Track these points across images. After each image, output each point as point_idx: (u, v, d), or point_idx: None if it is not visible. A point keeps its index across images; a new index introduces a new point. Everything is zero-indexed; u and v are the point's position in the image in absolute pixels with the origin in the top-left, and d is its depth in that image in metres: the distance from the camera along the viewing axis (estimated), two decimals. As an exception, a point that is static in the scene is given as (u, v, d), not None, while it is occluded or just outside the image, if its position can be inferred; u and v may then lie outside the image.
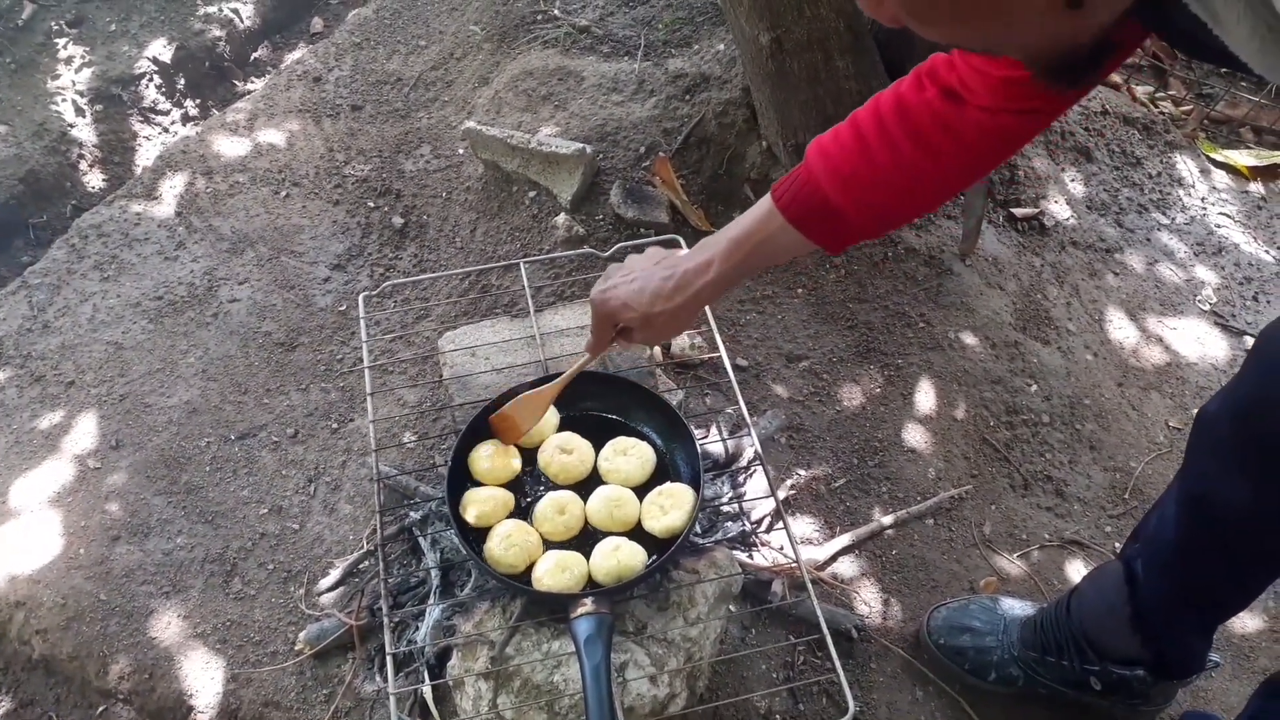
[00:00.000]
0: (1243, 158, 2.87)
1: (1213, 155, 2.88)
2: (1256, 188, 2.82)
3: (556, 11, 2.95)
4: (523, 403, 1.60)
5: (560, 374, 1.59)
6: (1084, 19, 0.76)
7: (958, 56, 1.16)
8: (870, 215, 1.27)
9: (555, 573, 1.44)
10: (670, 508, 1.53)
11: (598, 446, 1.65)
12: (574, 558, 1.47)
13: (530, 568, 1.48)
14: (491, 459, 1.60)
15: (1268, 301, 2.49)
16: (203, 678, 1.73)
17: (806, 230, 1.28)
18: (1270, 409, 1.17)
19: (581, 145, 2.36)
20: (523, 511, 1.58)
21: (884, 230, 1.38)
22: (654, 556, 1.50)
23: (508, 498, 1.57)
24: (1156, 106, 2.99)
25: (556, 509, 1.54)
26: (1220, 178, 2.84)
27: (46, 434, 2.09)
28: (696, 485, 1.56)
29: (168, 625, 1.79)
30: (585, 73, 2.67)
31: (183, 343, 2.27)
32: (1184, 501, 1.37)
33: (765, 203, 1.30)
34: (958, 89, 1.16)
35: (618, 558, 1.45)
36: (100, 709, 1.77)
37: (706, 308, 1.84)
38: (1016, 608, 1.69)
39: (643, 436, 1.68)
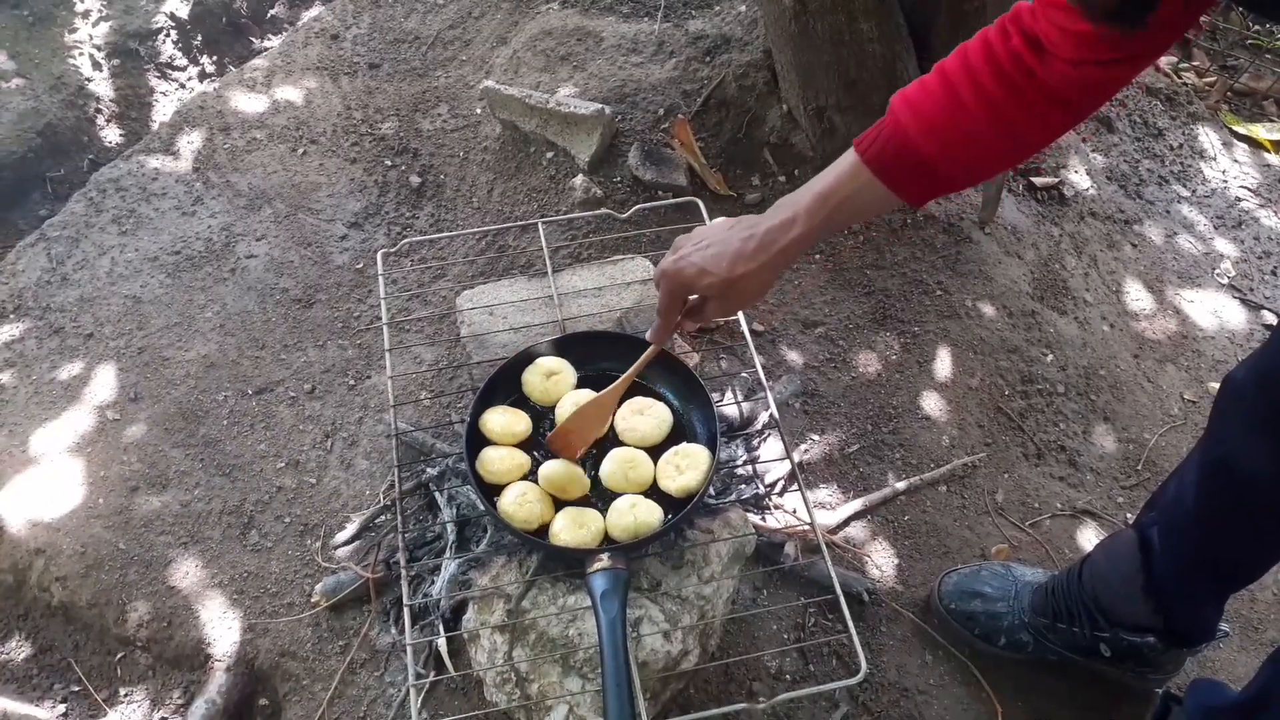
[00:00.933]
0: (1266, 131, 2.85)
1: (1235, 128, 2.86)
2: (1278, 162, 2.79)
3: (576, -29, 2.92)
4: (582, 414, 1.52)
5: (623, 372, 1.51)
6: None
7: (1039, 6, 1.12)
8: (961, 165, 1.23)
9: (572, 529, 1.45)
10: (686, 468, 1.53)
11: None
12: (590, 514, 1.48)
13: (544, 526, 1.49)
14: (504, 418, 1.60)
15: (1287, 276, 2.47)
16: (220, 627, 1.75)
17: (894, 183, 1.23)
18: None
19: (600, 106, 2.35)
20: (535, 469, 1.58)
21: (973, 181, 1.32)
22: (670, 515, 1.51)
23: (524, 459, 1.57)
24: (1180, 78, 2.96)
25: (567, 479, 1.54)
26: (1242, 151, 2.81)
27: (66, 385, 2.11)
28: (713, 447, 1.56)
29: (185, 575, 1.81)
30: (604, 33, 2.65)
31: (200, 297, 2.28)
32: (1206, 468, 1.37)
33: (849, 157, 1.24)
34: (1041, 39, 1.13)
35: (634, 515, 1.45)
36: (119, 655, 1.80)
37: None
38: (1028, 574, 1.70)
39: (659, 398, 1.68)
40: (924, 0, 2.15)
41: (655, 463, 1.57)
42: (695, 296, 1.36)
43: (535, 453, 1.59)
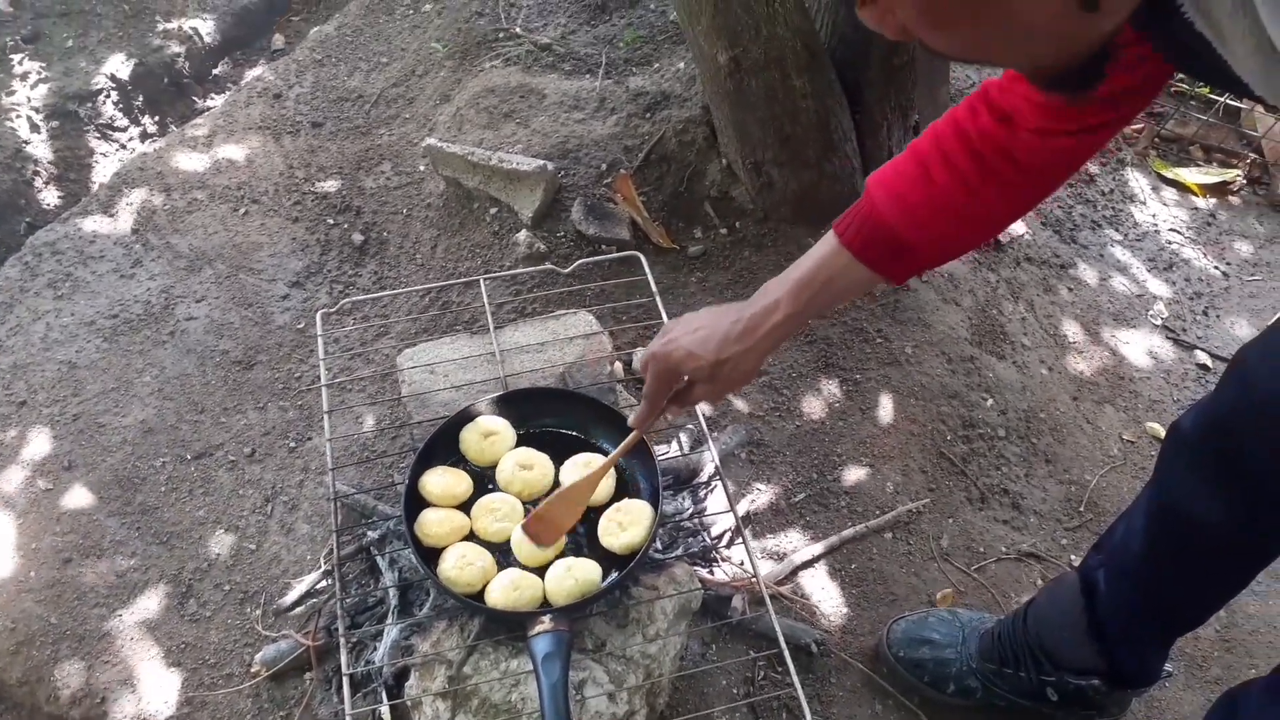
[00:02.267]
0: (1193, 175, 2.94)
1: (1164, 173, 2.94)
2: (1206, 204, 2.88)
3: (518, 29, 2.96)
4: (558, 500, 1.50)
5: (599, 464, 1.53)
6: (1095, 23, 0.76)
7: (1006, 80, 1.16)
8: (937, 244, 1.26)
9: (508, 591, 1.43)
10: (629, 524, 1.53)
11: (557, 463, 1.64)
12: (528, 578, 1.46)
13: (486, 589, 1.47)
14: (444, 479, 1.59)
15: (1217, 316, 2.54)
16: (157, 701, 1.70)
17: (874, 264, 1.25)
18: (1244, 426, 1.20)
19: (543, 162, 2.36)
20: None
21: (948, 258, 1.35)
22: (613, 573, 1.50)
23: (463, 520, 1.56)
24: (1109, 125, 3.04)
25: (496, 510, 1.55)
26: (1171, 195, 2.90)
27: (-3, 455, 2.06)
28: (656, 501, 1.56)
29: (121, 648, 1.76)
30: (547, 90, 2.68)
31: (138, 361, 2.24)
32: (1153, 513, 1.39)
33: (828, 240, 1.27)
34: (1010, 112, 1.16)
35: (573, 577, 1.44)
36: (51, 736, 1.74)
37: (664, 314, 1.84)
38: (975, 620, 1.70)
39: (602, 453, 1.68)
40: (856, 56, 2.20)
41: (599, 519, 1.56)
42: (683, 381, 1.37)
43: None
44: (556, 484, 1.62)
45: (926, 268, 1.33)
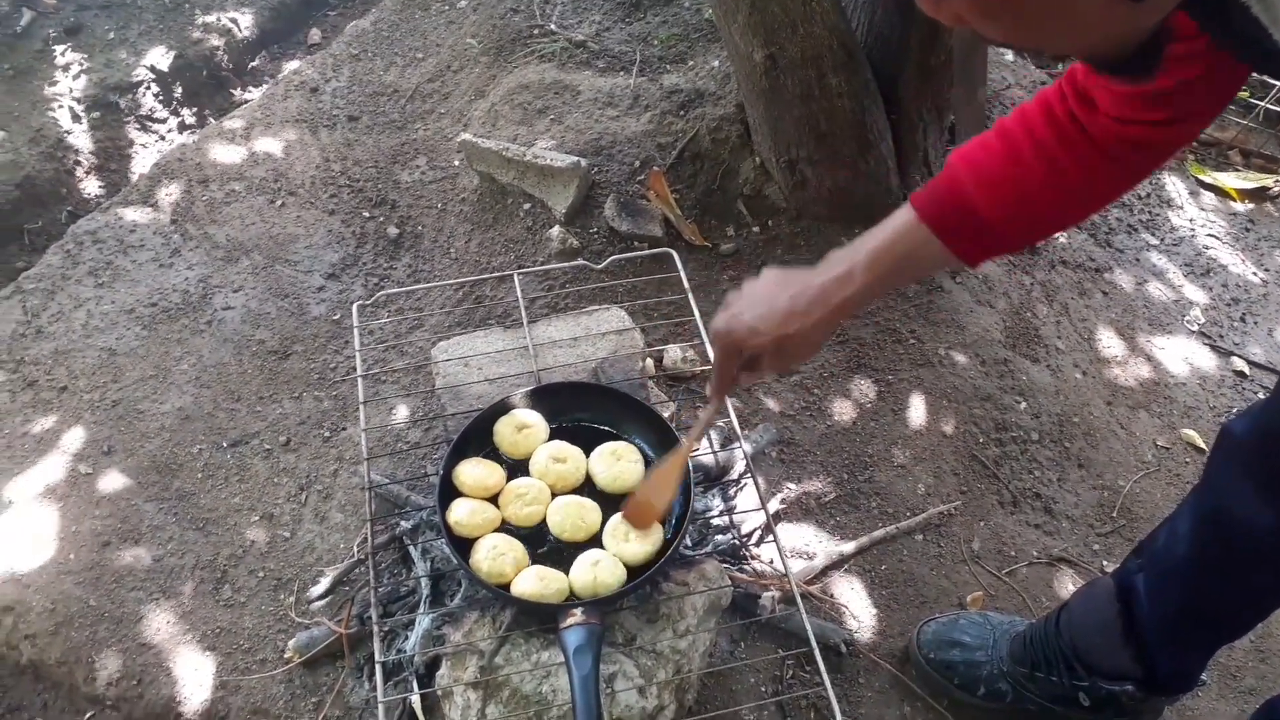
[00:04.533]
0: (1231, 180, 2.91)
1: (1201, 177, 2.91)
2: (1244, 209, 2.85)
3: (553, 26, 2.97)
4: (652, 482, 1.51)
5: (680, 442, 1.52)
6: (1143, 13, 0.77)
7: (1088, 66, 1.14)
8: (1019, 226, 1.22)
9: (534, 584, 1.44)
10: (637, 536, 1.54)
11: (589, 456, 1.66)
12: (552, 572, 1.47)
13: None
14: (477, 470, 1.60)
15: (1255, 322, 2.51)
16: (191, 684, 1.72)
17: (952, 241, 1.21)
18: None
19: (576, 158, 2.37)
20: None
21: (1029, 242, 1.31)
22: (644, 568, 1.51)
23: (495, 513, 1.57)
24: (1147, 128, 3.02)
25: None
26: (1209, 199, 2.87)
27: (39, 439, 2.09)
28: (687, 498, 1.56)
29: (157, 631, 1.78)
30: (581, 87, 2.69)
31: (176, 349, 2.27)
32: (1200, 519, 1.37)
33: (905, 214, 1.22)
34: (1092, 97, 1.14)
35: (595, 573, 1.45)
36: (88, 715, 1.76)
37: (698, 321, 1.85)
38: (1006, 623, 1.69)
39: (634, 446, 1.68)
40: (892, 55, 2.20)
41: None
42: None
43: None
44: (588, 477, 1.63)
45: (1003, 251, 1.28)
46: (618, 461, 1.62)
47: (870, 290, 1.23)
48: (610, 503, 1.59)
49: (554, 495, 1.60)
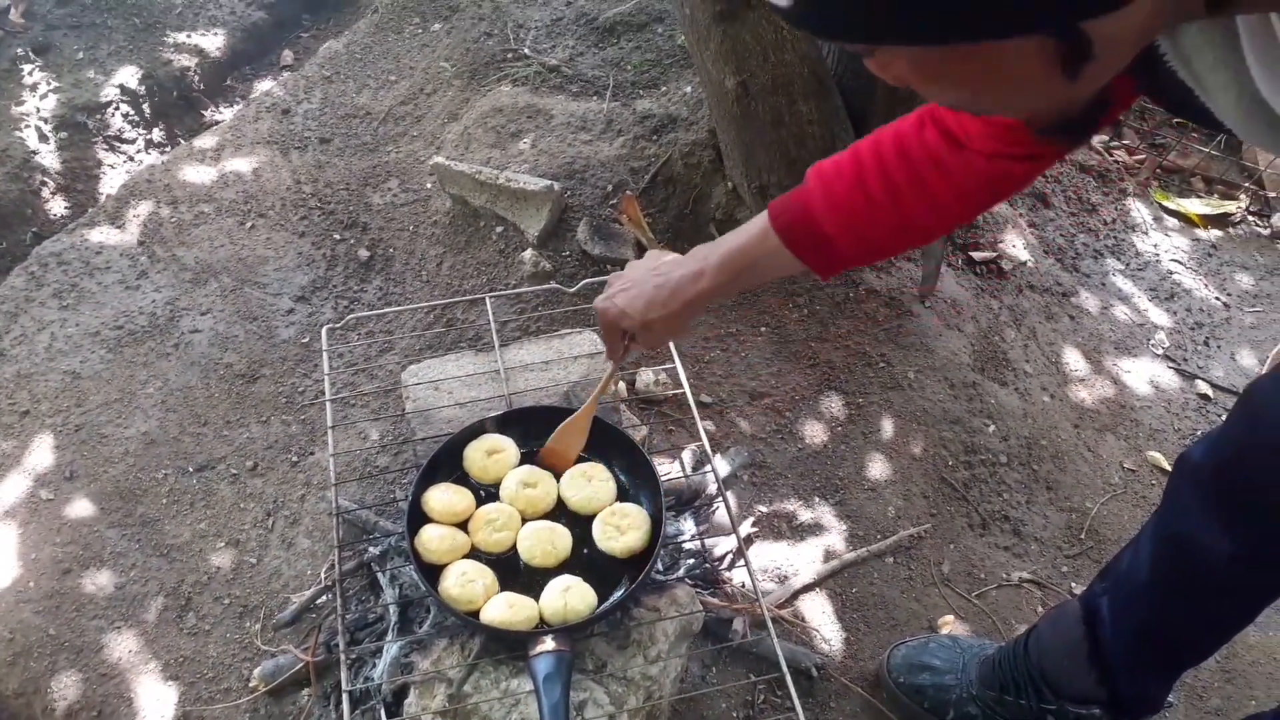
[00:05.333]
0: (1194, 206, 2.96)
1: (1165, 203, 2.96)
2: (1207, 235, 2.90)
3: (527, 50, 2.98)
4: (564, 431, 1.64)
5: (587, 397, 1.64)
6: (1081, 87, 0.79)
7: None
8: (860, 245, 1.29)
9: (503, 611, 1.43)
10: (627, 527, 1.54)
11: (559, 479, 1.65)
12: (522, 599, 1.46)
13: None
14: (446, 496, 1.59)
15: (1218, 346, 2.55)
16: (153, 714, 1.69)
17: (798, 252, 1.30)
18: (1254, 460, 1.20)
19: (550, 182, 2.38)
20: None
21: (873, 259, 1.40)
22: (616, 589, 1.50)
23: (464, 539, 1.56)
24: (1111, 155, 3.07)
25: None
26: (1173, 225, 2.92)
27: (-2, 464, 2.06)
28: (658, 522, 1.56)
29: (119, 661, 1.75)
30: (554, 111, 2.70)
31: (142, 373, 2.24)
32: (1160, 543, 1.38)
33: (761, 221, 1.31)
34: (957, 133, 1.18)
35: (565, 599, 1.44)
36: (46, 747, 1.73)
37: (671, 345, 1.86)
38: (976, 646, 1.70)
39: (608, 468, 1.68)
40: (862, 84, 2.22)
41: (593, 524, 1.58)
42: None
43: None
44: (560, 502, 1.63)
45: (850, 265, 1.36)
46: (589, 483, 1.62)
47: (720, 288, 1.36)
48: (583, 524, 1.59)
49: (525, 521, 1.59)
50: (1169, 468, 2.19)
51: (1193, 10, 0.76)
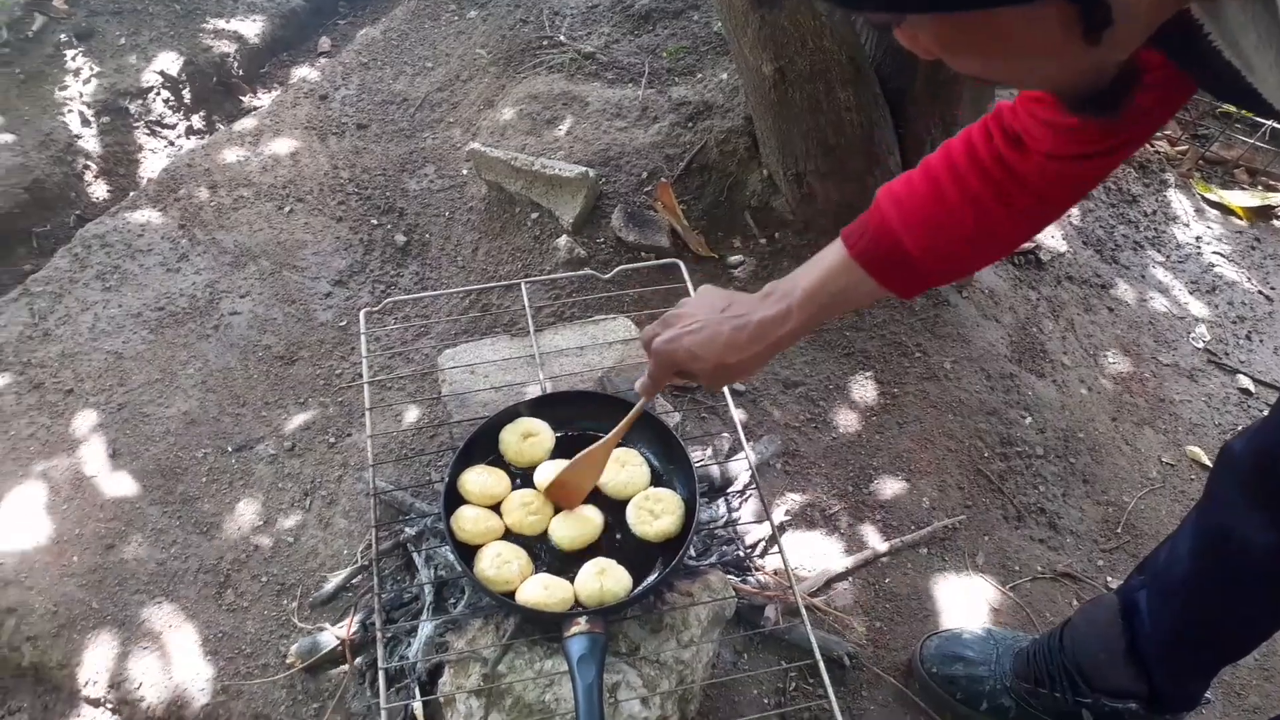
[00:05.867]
0: (1238, 198, 2.91)
1: (1208, 195, 2.92)
2: (1250, 228, 2.85)
3: (562, 38, 2.98)
4: (578, 465, 1.55)
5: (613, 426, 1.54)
6: (1104, 53, 0.78)
7: (1020, 104, 1.17)
8: (942, 260, 1.25)
9: (538, 592, 1.44)
10: (661, 512, 1.55)
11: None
12: (557, 580, 1.47)
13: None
14: (483, 478, 1.60)
15: (1260, 340, 2.51)
16: (192, 689, 1.72)
17: (882, 279, 1.25)
18: None
19: (584, 169, 2.38)
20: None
21: (956, 276, 1.37)
22: (649, 573, 1.51)
23: (500, 521, 1.57)
24: (1152, 146, 3.03)
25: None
26: (1215, 217, 2.87)
27: (44, 441, 2.09)
28: (692, 507, 1.56)
29: (159, 635, 1.78)
30: (590, 98, 2.70)
31: (182, 354, 2.27)
32: (1201, 537, 1.37)
33: (838, 251, 1.26)
34: (1022, 135, 1.17)
35: (601, 582, 1.45)
36: (89, 718, 1.76)
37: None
38: (1009, 638, 1.69)
39: (639, 453, 1.69)
40: (901, 71, 2.20)
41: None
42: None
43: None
44: (597, 489, 1.63)
45: (934, 284, 1.32)
46: (623, 469, 1.63)
47: (805, 326, 1.29)
48: (616, 508, 1.60)
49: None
50: (1208, 463, 2.16)
51: None
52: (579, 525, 1.56)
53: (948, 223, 1.21)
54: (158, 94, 3.39)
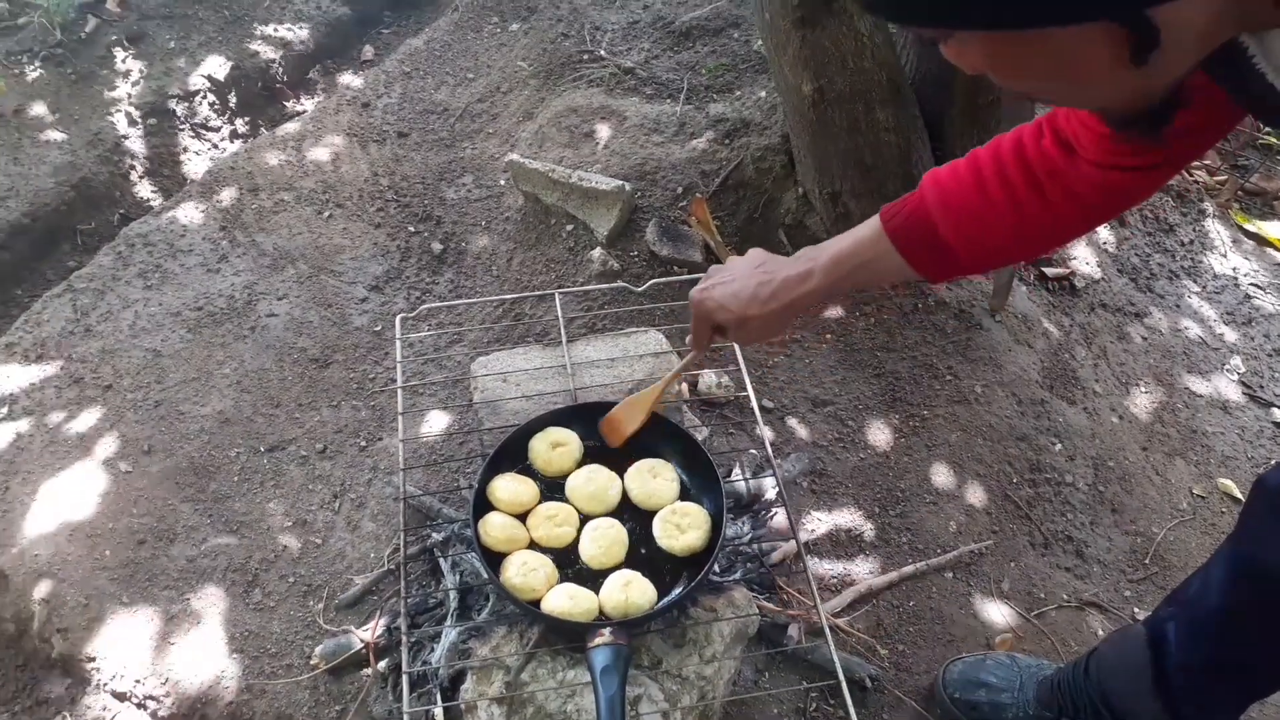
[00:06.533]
0: (1276, 230, 2.88)
1: (1246, 226, 2.89)
2: (1290, 261, 2.82)
3: (602, 52, 3.01)
4: (627, 406, 1.66)
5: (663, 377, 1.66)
6: (1150, 77, 0.79)
7: (1071, 110, 1.18)
8: (976, 252, 1.27)
9: (564, 601, 1.45)
10: (687, 526, 1.55)
11: (622, 474, 1.67)
12: (582, 591, 1.48)
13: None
14: (512, 486, 1.62)
15: (1298, 374, 2.48)
16: (217, 686, 1.74)
17: (911, 258, 1.28)
18: None
19: (621, 182, 2.40)
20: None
21: (987, 268, 1.37)
22: (674, 587, 1.51)
23: (525, 531, 1.58)
24: (1191, 175, 3.00)
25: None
26: (1252, 249, 2.84)
27: (81, 435, 2.13)
28: (719, 523, 1.57)
29: (187, 632, 1.81)
30: (628, 112, 2.72)
31: (219, 353, 2.31)
32: (1234, 569, 1.35)
33: (873, 224, 1.30)
34: (1071, 140, 1.18)
35: (626, 594, 1.46)
36: (114, 713, 1.79)
37: (736, 348, 1.87)
38: (1033, 666, 1.68)
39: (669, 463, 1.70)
40: (940, 93, 2.21)
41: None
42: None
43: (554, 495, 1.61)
44: (625, 497, 1.64)
45: (960, 274, 1.34)
46: (654, 479, 1.63)
47: (826, 290, 1.33)
48: (642, 520, 1.60)
49: (589, 518, 1.61)
50: (1240, 496, 2.14)
51: (1262, 10, 0.75)
52: (607, 544, 1.56)
53: (985, 213, 1.23)
54: (204, 97, 3.46)
